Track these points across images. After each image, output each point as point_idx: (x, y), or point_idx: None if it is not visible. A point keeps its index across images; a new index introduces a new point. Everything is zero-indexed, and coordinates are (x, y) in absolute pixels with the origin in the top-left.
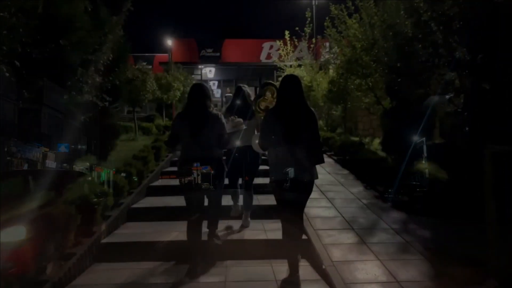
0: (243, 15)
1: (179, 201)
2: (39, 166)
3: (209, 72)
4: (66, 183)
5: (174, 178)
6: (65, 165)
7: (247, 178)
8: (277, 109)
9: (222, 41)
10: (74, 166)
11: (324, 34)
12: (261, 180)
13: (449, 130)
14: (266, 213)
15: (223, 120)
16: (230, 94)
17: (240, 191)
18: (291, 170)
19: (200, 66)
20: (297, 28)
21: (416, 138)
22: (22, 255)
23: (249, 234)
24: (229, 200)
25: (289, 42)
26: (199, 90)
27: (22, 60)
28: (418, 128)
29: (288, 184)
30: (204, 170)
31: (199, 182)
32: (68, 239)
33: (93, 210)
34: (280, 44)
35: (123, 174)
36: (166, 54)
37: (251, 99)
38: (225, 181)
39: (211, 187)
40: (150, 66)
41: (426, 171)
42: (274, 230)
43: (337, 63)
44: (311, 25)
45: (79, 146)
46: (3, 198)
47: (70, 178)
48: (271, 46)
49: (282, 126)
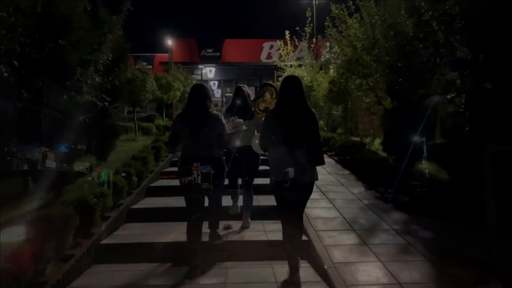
0: (243, 15)
1: (179, 201)
2: (39, 166)
3: (209, 72)
4: (65, 184)
5: (174, 178)
6: (65, 165)
7: (247, 178)
8: (277, 109)
9: (222, 41)
10: (74, 167)
11: (324, 33)
12: (261, 180)
13: (450, 130)
14: (266, 213)
15: (223, 120)
16: (230, 94)
17: (239, 191)
18: (291, 170)
19: (200, 66)
20: (297, 28)
21: (417, 138)
22: (20, 256)
23: (249, 235)
24: (229, 200)
25: (289, 42)
26: (199, 90)
27: (20, 60)
28: (419, 128)
29: (288, 184)
30: (204, 170)
31: (199, 182)
32: (66, 241)
33: (92, 211)
34: (280, 44)
35: (123, 174)
36: (166, 54)
37: (251, 100)
38: (225, 181)
39: (211, 187)
40: (150, 66)
41: (427, 172)
42: (274, 231)
43: (337, 63)
44: (312, 24)
45: (79, 146)
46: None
47: (69, 178)
48: (272, 46)
49: (283, 126)
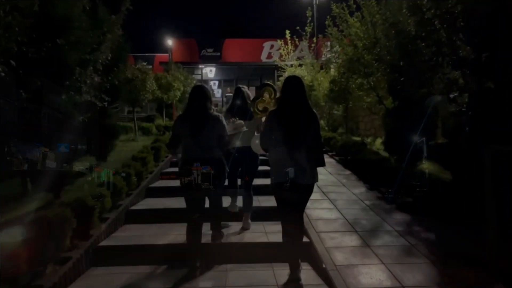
0: (244, 15)
1: (179, 202)
2: (39, 166)
3: (209, 72)
4: (64, 184)
5: (174, 179)
6: (65, 165)
7: (247, 179)
8: (278, 110)
9: (223, 40)
10: (73, 167)
11: (325, 33)
12: (261, 181)
13: (451, 129)
14: (267, 214)
15: (224, 121)
16: (231, 94)
17: (239, 192)
18: (291, 171)
19: (200, 66)
20: (298, 27)
21: (418, 138)
22: (15, 258)
23: (249, 237)
24: (229, 201)
25: (290, 41)
26: (200, 91)
27: (18, 59)
28: (423, 127)
29: (288, 184)
30: (204, 170)
31: (199, 182)
32: (63, 243)
33: (90, 212)
34: (281, 43)
35: (123, 174)
36: (166, 54)
37: (251, 100)
38: (225, 181)
39: (211, 187)
40: (150, 66)
41: (429, 172)
42: (275, 233)
43: (338, 62)
44: (312, 24)
45: (78, 147)
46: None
47: (68, 178)
48: (272, 46)
49: (283, 127)
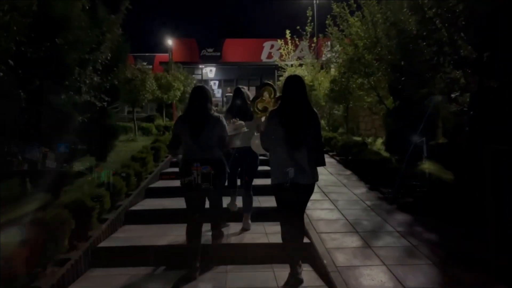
0: (244, 15)
1: (179, 203)
2: (39, 167)
3: (209, 71)
4: (63, 185)
5: (174, 179)
6: (65, 165)
7: (247, 179)
8: (279, 109)
9: (223, 40)
10: (73, 167)
11: (326, 32)
12: (262, 181)
13: (451, 129)
14: (267, 215)
15: (224, 122)
16: (231, 94)
17: (239, 192)
18: (291, 170)
19: (200, 66)
20: (298, 27)
21: (419, 138)
22: (13, 260)
23: (250, 238)
24: (229, 201)
25: (290, 41)
26: (200, 92)
27: (17, 59)
28: (422, 127)
29: (288, 184)
30: (204, 170)
31: (199, 182)
32: (62, 244)
33: (89, 213)
34: (281, 43)
35: (123, 175)
36: (166, 54)
37: (250, 101)
38: (225, 182)
39: (211, 187)
40: (150, 66)
41: (430, 172)
42: (275, 233)
43: (339, 62)
44: (312, 24)
45: (78, 147)
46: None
47: (68, 179)
48: (272, 46)
49: (284, 127)
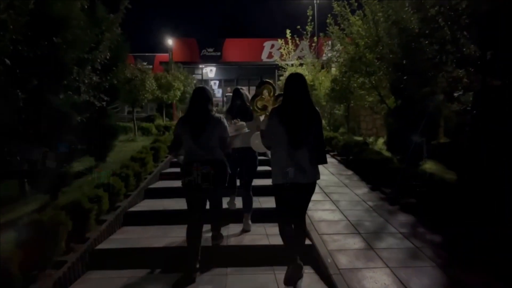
0: (244, 14)
1: (178, 204)
2: (38, 167)
3: (210, 71)
4: (62, 186)
5: (174, 180)
6: (63, 166)
7: (247, 179)
8: (281, 108)
9: (223, 40)
10: (72, 168)
11: (326, 31)
12: (262, 181)
13: (453, 129)
14: (268, 216)
15: (225, 123)
16: (231, 94)
17: (238, 192)
18: (292, 170)
19: (201, 66)
20: (298, 26)
21: (421, 138)
22: (10, 262)
23: (250, 239)
24: (229, 201)
25: (290, 41)
26: (201, 93)
27: (14, 58)
28: (423, 127)
29: (289, 184)
30: (204, 170)
31: (199, 182)
32: (58, 246)
33: (86, 214)
34: (281, 43)
35: (123, 174)
36: (167, 54)
37: (249, 101)
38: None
39: (212, 187)
40: (150, 66)
41: (432, 172)
42: (276, 235)
43: (339, 61)
44: (313, 23)
45: (77, 147)
46: None
47: (66, 180)
48: (272, 45)
49: (286, 125)
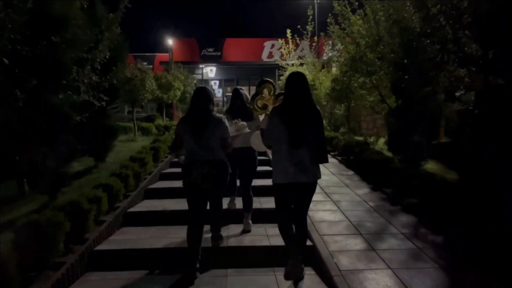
0: (244, 14)
1: (178, 204)
2: (37, 167)
3: (210, 71)
4: (61, 186)
5: (174, 180)
6: (63, 166)
7: (246, 179)
8: (281, 107)
9: (223, 40)
10: (71, 168)
11: (327, 31)
12: (263, 182)
13: (455, 128)
14: (268, 216)
15: (227, 123)
16: (231, 94)
17: (238, 192)
18: (293, 169)
19: (201, 66)
20: (299, 26)
21: (422, 138)
22: (7, 263)
23: (250, 240)
24: (229, 201)
25: (291, 40)
26: (202, 94)
27: (13, 58)
28: (424, 127)
29: (289, 183)
30: (204, 170)
31: (200, 182)
32: (57, 248)
33: (85, 215)
34: (281, 42)
35: (123, 174)
36: (167, 54)
37: (249, 102)
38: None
39: (212, 187)
40: (150, 66)
41: (434, 172)
42: (277, 236)
43: (340, 61)
44: (313, 23)
45: (77, 147)
46: None
47: (65, 180)
48: (273, 45)
49: (286, 124)
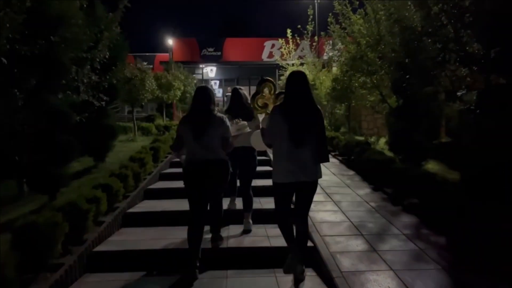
0: (244, 14)
1: (178, 204)
2: (35, 168)
3: (210, 71)
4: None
5: (174, 180)
6: (61, 166)
7: (246, 178)
8: (282, 105)
9: (223, 40)
10: (70, 168)
11: (327, 30)
12: (263, 182)
13: (456, 128)
14: (269, 217)
15: (228, 123)
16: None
17: (238, 192)
18: (293, 169)
19: (201, 65)
20: (299, 26)
21: (424, 137)
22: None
23: (251, 241)
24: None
25: (291, 40)
26: (203, 93)
27: (11, 58)
28: (425, 127)
29: (290, 182)
30: (205, 170)
31: (201, 181)
32: (55, 249)
33: (84, 216)
34: (282, 42)
35: (122, 175)
36: (167, 54)
37: (248, 101)
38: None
39: (213, 186)
40: (151, 66)
41: (435, 172)
42: (277, 237)
43: (340, 60)
44: (313, 22)
45: (76, 147)
46: None
47: (64, 180)
48: (273, 45)
49: (287, 123)
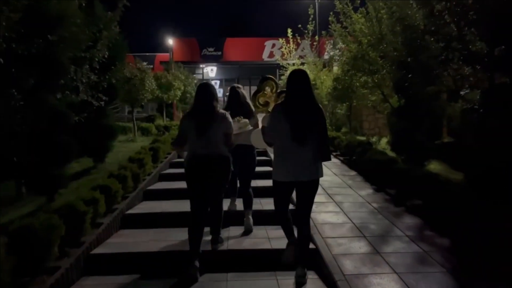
0: (245, 14)
1: (178, 205)
2: (34, 169)
3: (210, 71)
4: (58, 187)
5: (174, 181)
6: (60, 167)
7: (246, 176)
8: (284, 104)
9: (224, 39)
10: (69, 169)
11: (328, 29)
12: (263, 182)
13: (458, 128)
14: (269, 218)
15: (230, 119)
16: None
17: (238, 192)
18: (294, 168)
19: (201, 65)
20: (300, 25)
21: (426, 137)
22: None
23: (251, 243)
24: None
25: (291, 40)
26: (206, 89)
27: (8, 57)
28: (427, 126)
29: (290, 181)
30: (208, 166)
31: (203, 178)
32: (51, 251)
33: (81, 218)
34: (282, 42)
35: (121, 175)
36: (167, 54)
37: (246, 100)
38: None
39: (215, 182)
40: (151, 66)
41: (438, 172)
42: (278, 238)
43: (342, 60)
44: (314, 22)
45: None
46: None
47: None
48: (273, 45)
49: (288, 122)
